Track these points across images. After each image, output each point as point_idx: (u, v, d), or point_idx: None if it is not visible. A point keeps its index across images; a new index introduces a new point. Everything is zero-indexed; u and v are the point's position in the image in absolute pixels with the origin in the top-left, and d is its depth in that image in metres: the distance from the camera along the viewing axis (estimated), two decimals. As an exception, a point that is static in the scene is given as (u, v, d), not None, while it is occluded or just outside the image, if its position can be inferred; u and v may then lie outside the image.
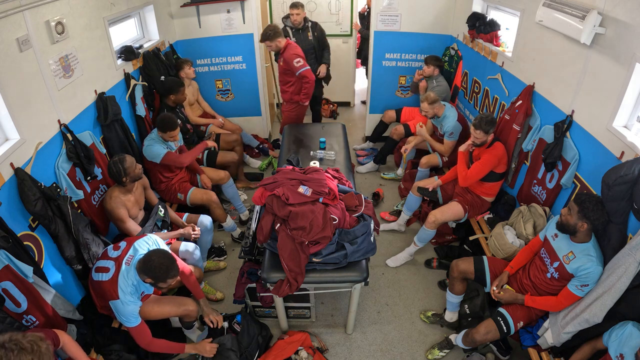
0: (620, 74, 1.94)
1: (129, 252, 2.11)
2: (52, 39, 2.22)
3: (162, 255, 1.99)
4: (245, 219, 3.64)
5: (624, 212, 1.87)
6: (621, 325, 1.74)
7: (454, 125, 3.31)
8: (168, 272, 1.97)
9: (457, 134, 3.36)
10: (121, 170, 2.39)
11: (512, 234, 2.59)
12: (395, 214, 3.73)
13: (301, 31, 4.06)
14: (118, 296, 2.00)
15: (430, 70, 3.81)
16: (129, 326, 2.06)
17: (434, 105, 3.29)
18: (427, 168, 3.63)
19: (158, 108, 3.55)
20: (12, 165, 1.92)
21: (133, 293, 2.05)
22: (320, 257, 2.22)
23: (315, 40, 4.10)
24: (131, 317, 2.04)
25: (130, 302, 2.02)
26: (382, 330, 2.74)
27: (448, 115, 3.34)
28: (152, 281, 1.99)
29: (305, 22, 4.06)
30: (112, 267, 2.06)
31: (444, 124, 3.37)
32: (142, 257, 2.00)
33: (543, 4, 2.41)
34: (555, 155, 2.39)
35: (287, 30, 4.06)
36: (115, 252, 2.13)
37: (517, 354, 2.49)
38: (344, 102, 5.93)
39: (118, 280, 2.01)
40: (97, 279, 2.08)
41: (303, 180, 2.38)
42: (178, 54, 3.98)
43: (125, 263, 2.05)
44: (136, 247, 2.14)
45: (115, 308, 2.02)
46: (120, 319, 2.04)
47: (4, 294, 1.73)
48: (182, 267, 2.32)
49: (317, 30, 4.11)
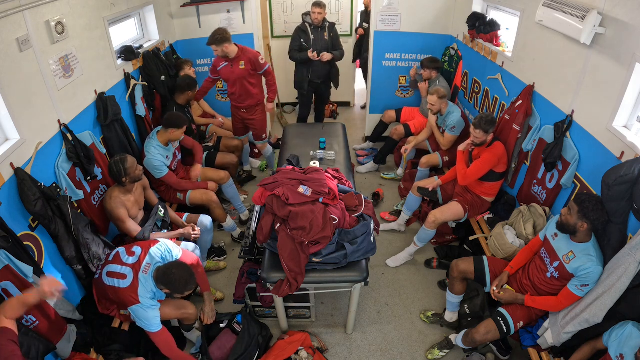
0: (620, 74, 1.94)
1: (145, 259, 2.12)
2: (52, 39, 2.22)
3: (182, 269, 2.05)
4: (245, 219, 3.64)
5: (624, 212, 1.86)
6: (621, 326, 1.74)
7: (458, 120, 3.36)
8: (187, 286, 2.04)
9: (460, 129, 3.39)
10: (122, 170, 2.39)
11: (512, 234, 2.59)
12: (395, 214, 3.73)
13: (319, 30, 4.04)
14: (139, 301, 2.02)
15: (428, 74, 3.82)
16: (152, 331, 2.06)
17: (443, 100, 3.34)
18: (427, 168, 3.63)
19: (161, 107, 3.55)
20: (12, 165, 1.92)
21: (152, 298, 2.08)
22: (320, 257, 2.22)
23: (330, 41, 4.09)
24: (154, 321, 2.06)
25: (151, 306, 2.05)
26: (382, 330, 2.74)
27: (452, 111, 3.39)
28: (169, 291, 2.06)
29: (324, 22, 4.06)
30: (129, 274, 2.08)
31: (447, 120, 3.41)
32: (163, 269, 2.05)
33: (543, 4, 2.41)
34: (555, 155, 2.39)
35: (307, 26, 4.04)
36: (131, 259, 2.14)
37: (517, 354, 2.49)
38: (344, 102, 5.94)
39: (138, 288, 2.04)
40: (111, 284, 2.09)
41: (303, 180, 2.38)
42: (178, 54, 3.98)
43: (143, 272, 2.08)
44: (152, 254, 2.15)
45: (136, 313, 2.04)
46: (142, 324, 2.05)
47: (4, 294, 1.73)
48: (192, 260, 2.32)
49: (333, 32, 4.10)
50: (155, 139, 2.95)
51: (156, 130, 2.98)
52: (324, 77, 4.22)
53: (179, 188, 3.12)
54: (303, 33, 4.05)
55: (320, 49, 4.02)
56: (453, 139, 3.43)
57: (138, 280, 2.05)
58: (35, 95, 2.13)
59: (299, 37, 4.06)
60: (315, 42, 4.02)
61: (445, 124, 3.45)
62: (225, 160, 3.62)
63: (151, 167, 2.92)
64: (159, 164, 2.91)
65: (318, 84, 4.26)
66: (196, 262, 2.39)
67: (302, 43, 4.04)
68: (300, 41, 4.05)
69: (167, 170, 2.98)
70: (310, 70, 4.14)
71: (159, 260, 2.14)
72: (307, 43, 4.03)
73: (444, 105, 3.38)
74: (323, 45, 4.06)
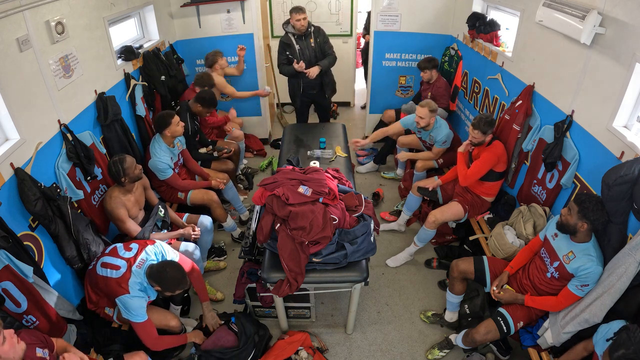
0: (620, 74, 1.94)
1: (141, 255, 2.16)
2: (52, 39, 2.22)
3: (175, 269, 2.10)
4: (245, 219, 3.63)
5: (624, 212, 1.86)
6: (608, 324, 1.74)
7: (447, 134, 3.34)
8: (178, 285, 2.10)
9: (450, 141, 3.40)
10: (120, 170, 2.39)
11: (512, 234, 2.59)
12: (395, 214, 3.73)
13: (304, 38, 3.72)
14: (128, 291, 2.04)
15: (428, 74, 3.80)
16: (137, 321, 2.07)
17: (433, 114, 3.25)
18: (423, 172, 3.62)
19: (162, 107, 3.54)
20: (12, 165, 1.92)
21: (141, 290, 2.10)
22: (320, 257, 2.22)
23: (317, 48, 3.77)
24: (140, 310, 2.07)
25: (139, 296, 2.08)
26: (382, 330, 2.74)
27: (440, 126, 3.35)
28: (160, 289, 2.10)
29: (309, 27, 3.72)
30: (123, 266, 2.10)
31: (436, 135, 3.37)
32: (156, 267, 2.08)
33: (543, 4, 2.41)
34: (555, 155, 2.39)
35: (289, 37, 3.72)
36: (127, 253, 2.17)
37: (517, 354, 2.49)
38: (344, 102, 5.94)
39: (129, 279, 2.06)
40: (103, 274, 2.10)
41: (303, 180, 2.38)
42: (178, 54, 3.98)
43: (137, 266, 2.11)
44: (148, 252, 2.19)
45: (124, 303, 2.05)
46: (129, 314, 2.06)
47: (4, 294, 1.73)
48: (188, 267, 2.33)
49: (319, 36, 3.77)
50: (161, 140, 2.94)
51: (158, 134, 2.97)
52: (317, 87, 3.94)
53: (183, 189, 3.11)
54: (287, 46, 3.74)
55: (307, 59, 3.73)
56: (443, 151, 3.44)
57: (131, 272, 2.08)
58: (35, 95, 2.13)
59: (284, 50, 3.76)
60: (301, 52, 3.72)
61: (434, 140, 3.41)
62: (220, 167, 3.59)
63: (156, 169, 2.91)
64: (164, 166, 2.91)
65: (313, 94, 4.01)
66: (192, 269, 2.40)
67: (288, 56, 3.75)
68: (286, 54, 3.76)
69: (172, 172, 2.98)
70: (302, 81, 3.86)
71: (153, 258, 2.18)
72: (293, 55, 3.74)
73: (433, 120, 3.30)
74: (311, 54, 3.75)
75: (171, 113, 2.91)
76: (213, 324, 2.46)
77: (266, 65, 4.63)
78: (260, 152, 4.72)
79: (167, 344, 2.25)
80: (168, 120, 2.87)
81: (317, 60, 3.80)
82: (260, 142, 4.79)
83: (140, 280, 2.09)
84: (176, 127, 2.91)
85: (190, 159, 3.25)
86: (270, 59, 4.95)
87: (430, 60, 3.77)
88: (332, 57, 3.84)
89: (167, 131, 2.89)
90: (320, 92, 4.00)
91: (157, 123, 2.91)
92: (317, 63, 3.77)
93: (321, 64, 3.75)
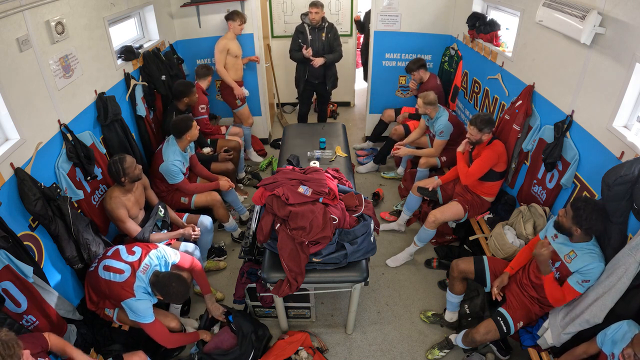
0: (620, 74, 1.94)
1: (145, 260, 2.16)
2: (52, 39, 2.22)
3: (181, 283, 2.11)
4: (245, 219, 3.63)
5: (624, 212, 1.86)
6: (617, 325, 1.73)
7: (445, 124, 3.35)
8: (181, 299, 2.16)
9: (448, 133, 3.39)
10: (120, 170, 2.39)
11: (512, 234, 2.59)
12: (395, 214, 3.73)
13: (317, 30, 4.06)
14: (134, 295, 2.05)
15: (418, 76, 3.83)
16: (146, 322, 2.09)
17: (429, 106, 3.35)
18: (426, 168, 3.63)
19: (163, 107, 3.54)
20: (12, 165, 1.92)
21: (145, 293, 2.11)
22: (320, 257, 2.22)
23: (326, 42, 4.09)
24: (147, 311, 2.09)
25: (144, 298, 2.09)
26: (382, 330, 2.74)
27: (440, 115, 3.39)
28: (162, 299, 2.13)
29: (323, 22, 4.06)
30: (127, 270, 2.10)
31: (435, 124, 3.42)
32: (162, 280, 2.09)
33: (543, 4, 2.41)
34: (555, 155, 2.39)
35: (304, 27, 4.07)
36: (131, 257, 2.16)
37: (517, 354, 2.49)
38: (344, 102, 5.94)
39: (134, 284, 2.07)
40: (107, 277, 2.10)
41: (303, 180, 2.38)
42: (178, 53, 3.98)
43: (142, 271, 2.11)
44: (151, 257, 2.19)
45: (130, 306, 2.06)
46: (136, 316, 2.07)
47: (4, 294, 1.73)
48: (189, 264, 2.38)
49: (331, 32, 4.09)
50: (176, 144, 2.91)
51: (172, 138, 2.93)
52: (320, 78, 4.26)
53: (191, 193, 3.10)
54: (301, 34, 4.09)
55: (315, 50, 4.05)
56: (443, 143, 3.44)
57: (135, 277, 2.08)
58: (35, 95, 2.13)
59: (297, 37, 4.11)
60: (312, 42, 4.06)
61: (434, 129, 3.46)
62: (220, 168, 3.58)
63: (168, 172, 2.88)
64: (177, 170, 2.89)
65: (316, 84, 4.31)
66: (194, 265, 2.42)
67: (300, 43, 4.09)
68: (298, 41, 4.10)
69: (183, 176, 2.97)
70: (308, 70, 4.18)
71: (157, 264, 2.18)
72: (304, 43, 4.07)
73: (431, 110, 3.37)
74: (319, 46, 4.08)
75: (190, 117, 2.92)
76: (218, 315, 2.48)
77: (266, 65, 4.64)
78: (260, 152, 4.72)
79: (181, 341, 2.30)
80: (189, 123, 2.88)
81: (324, 53, 4.11)
82: (261, 142, 4.79)
83: (145, 285, 2.10)
84: (195, 131, 2.95)
85: (198, 163, 3.24)
86: (270, 59, 4.95)
87: (416, 61, 3.83)
88: (338, 53, 4.18)
89: (188, 135, 2.89)
90: (322, 83, 4.31)
91: (176, 127, 2.88)
92: (323, 55, 4.09)
93: (327, 57, 4.09)
